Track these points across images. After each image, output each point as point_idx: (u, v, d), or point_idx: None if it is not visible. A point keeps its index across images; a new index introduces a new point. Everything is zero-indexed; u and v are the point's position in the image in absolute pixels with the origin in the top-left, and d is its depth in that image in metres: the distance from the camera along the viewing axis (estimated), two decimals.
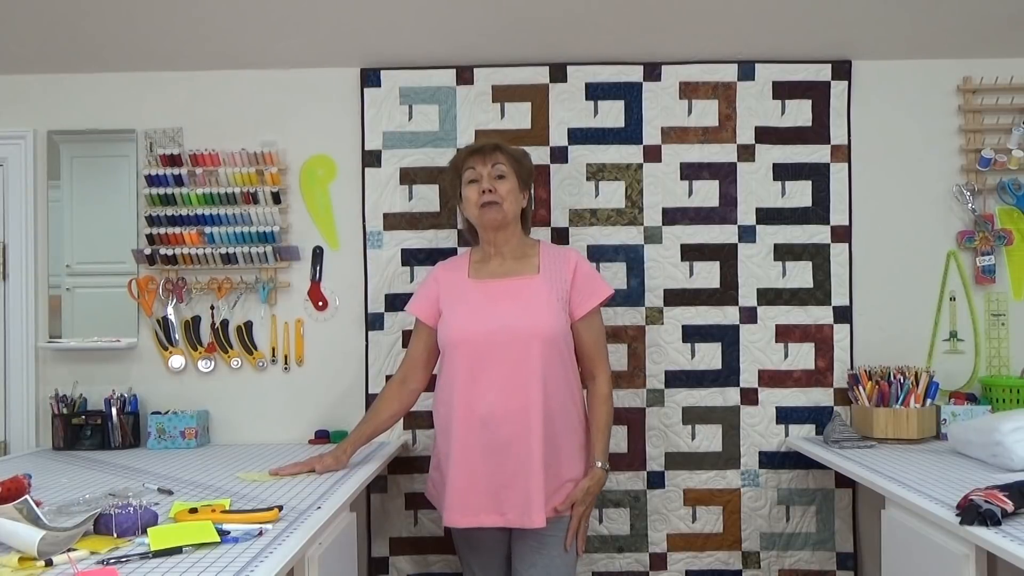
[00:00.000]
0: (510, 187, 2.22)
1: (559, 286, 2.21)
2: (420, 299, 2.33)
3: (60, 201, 2.72)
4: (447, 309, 2.24)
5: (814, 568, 2.64)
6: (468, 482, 2.11)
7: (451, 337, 2.19)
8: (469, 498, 2.11)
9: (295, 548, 1.47)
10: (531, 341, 2.11)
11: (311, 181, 2.71)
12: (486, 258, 2.29)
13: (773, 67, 2.67)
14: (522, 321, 2.14)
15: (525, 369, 2.10)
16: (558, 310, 2.17)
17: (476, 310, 2.19)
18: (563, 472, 2.16)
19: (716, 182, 2.67)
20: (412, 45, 2.63)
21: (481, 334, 2.14)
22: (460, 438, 2.13)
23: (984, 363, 2.67)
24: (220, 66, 2.69)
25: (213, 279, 2.68)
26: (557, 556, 2.17)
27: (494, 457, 2.11)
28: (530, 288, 2.20)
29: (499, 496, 2.11)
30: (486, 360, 2.12)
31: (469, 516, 2.12)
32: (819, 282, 2.66)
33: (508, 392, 2.11)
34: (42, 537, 1.37)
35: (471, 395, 2.12)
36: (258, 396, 2.69)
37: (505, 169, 2.23)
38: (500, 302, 2.19)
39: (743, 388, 2.65)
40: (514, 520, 2.10)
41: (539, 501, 2.08)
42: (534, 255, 2.28)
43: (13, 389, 2.70)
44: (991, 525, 1.52)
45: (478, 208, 2.21)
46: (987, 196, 2.67)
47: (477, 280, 2.25)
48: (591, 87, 2.67)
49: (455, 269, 2.32)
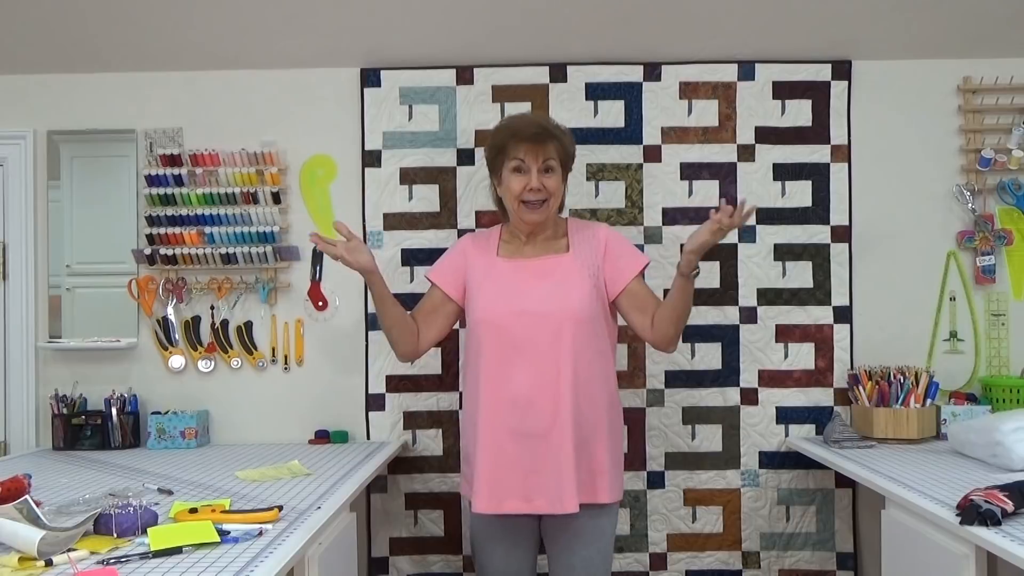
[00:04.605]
0: (557, 182, 2.13)
1: (591, 263, 2.13)
2: (444, 268, 2.24)
3: (60, 201, 2.72)
4: (474, 286, 2.16)
5: (814, 568, 2.64)
6: (496, 467, 2.04)
7: (479, 316, 2.11)
8: (498, 484, 2.04)
9: (295, 548, 1.47)
10: (563, 322, 2.04)
11: (311, 181, 2.71)
12: (516, 239, 2.20)
13: (773, 67, 2.67)
14: (555, 301, 2.07)
15: (556, 350, 2.03)
16: (590, 288, 2.10)
17: (506, 290, 2.11)
18: (595, 456, 2.08)
19: (716, 182, 2.67)
20: (412, 45, 2.63)
21: (511, 314, 2.07)
22: (488, 421, 2.05)
23: (984, 363, 2.67)
24: (220, 66, 2.69)
25: (213, 279, 2.68)
26: (595, 546, 2.11)
27: (524, 441, 2.03)
28: (561, 267, 2.13)
29: (528, 482, 2.03)
30: (517, 341, 2.05)
31: (495, 503, 2.04)
32: (819, 282, 2.66)
33: (538, 374, 2.04)
34: (42, 537, 1.37)
35: (500, 376, 2.05)
36: (258, 396, 2.69)
37: (554, 163, 2.12)
38: (531, 283, 2.11)
39: (743, 388, 2.65)
40: (543, 507, 2.03)
41: (571, 487, 2.00)
42: (563, 234, 2.20)
43: (13, 389, 2.70)
44: (991, 525, 1.52)
45: (517, 201, 2.11)
46: (987, 196, 2.67)
47: (507, 259, 2.17)
48: (591, 87, 2.67)
49: (484, 244, 2.23)
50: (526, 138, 2.10)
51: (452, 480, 2.65)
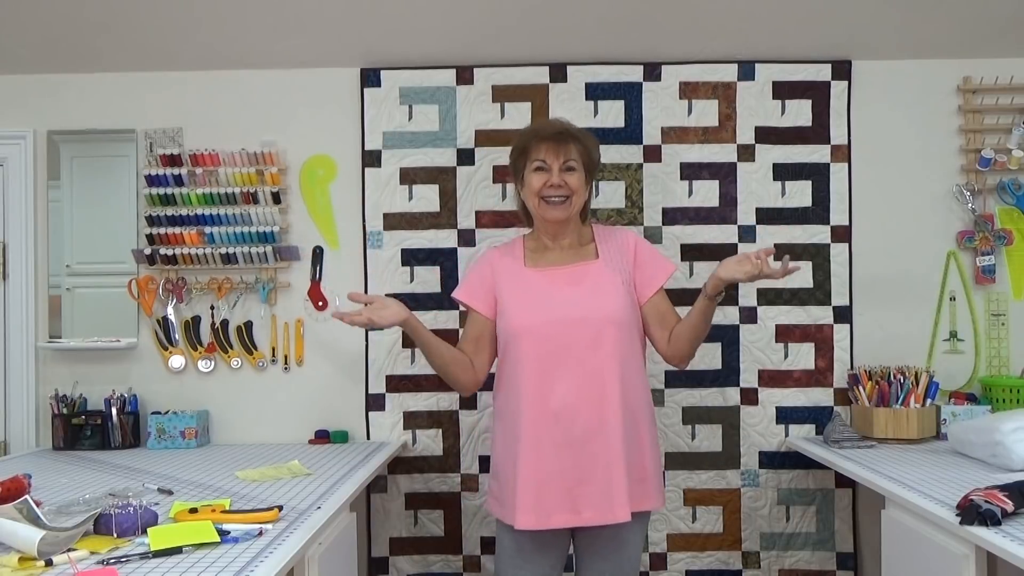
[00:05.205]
0: (579, 181, 2.10)
1: (622, 269, 2.11)
2: (473, 285, 2.19)
3: (60, 201, 2.72)
4: (506, 297, 2.11)
5: (814, 568, 2.64)
6: (542, 481, 1.97)
7: (514, 327, 2.05)
8: (543, 498, 1.97)
9: (295, 548, 1.47)
10: (604, 327, 2.01)
11: (311, 181, 2.71)
12: (542, 248, 2.17)
13: (773, 67, 2.67)
14: (592, 306, 2.03)
15: (599, 356, 1.99)
16: (624, 293, 2.07)
17: (539, 298, 2.07)
18: (643, 461, 2.04)
19: (716, 182, 2.67)
20: (412, 45, 2.63)
21: (549, 322, 2.02)
22: (530, 434, 1.99)
23: (984, 363, 2.67)
24: (220, 66, 2.69)
25: (213, 279, 2.68)
26: (628, 554, 2.08)
27: (568, 452, 1.98)
28: (593, 273, 2.10)
29: (574, 493, 1.97)
30: (556, 349, 2.00)
31: (543, 518, 1.97)
32: (819, 282, 2.66)
33: (582, 382, 1.99)
34: (42, 537, 1.38)
35: (542, 388, 1.99)
36: (258, 396, 2.69)
37: (576, 163, 2.10)
38: (564, 289, 2.07)
39: (743, 388, 2.65)
40: (593, 518, 1.97)
41: (622, 495, 1.96)
42: (589, 240, 2.18)
43: (13, 389, 2.70)
44: (991, 525, 1.52)
45: (537, 197, 2.09)
46: (987, 196, 2.67)
47: (535, 268, 2.13)
48: (591, 87, 2.67)
49: (510, 255, 2.18)
50: (547, 138, 2.10)
51: (452, 480, 2.65)
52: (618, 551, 2.07)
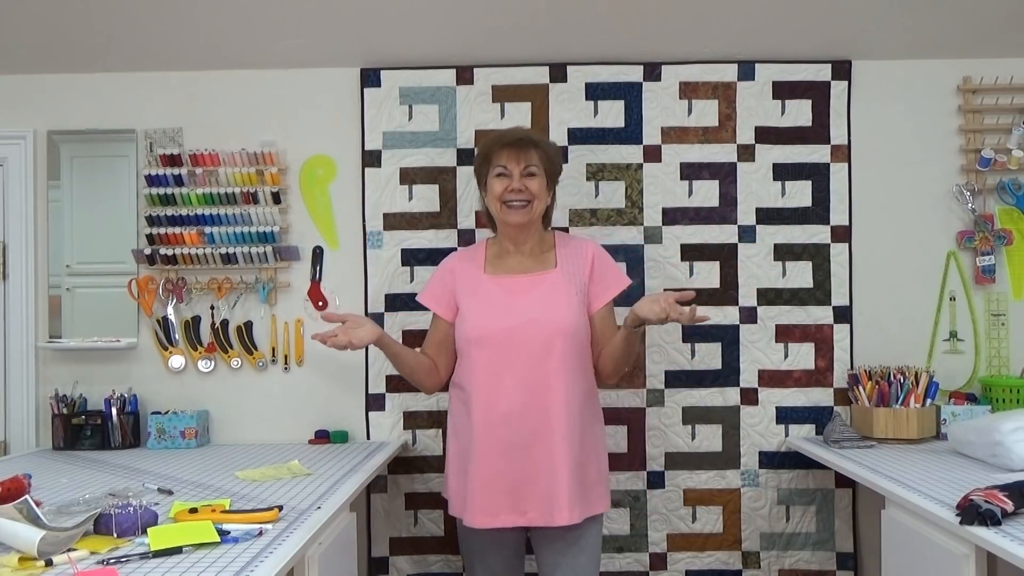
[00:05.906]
0: (540, 186, 2.17)
1: (577, 279, 2.19)
2: (436, 290, 2.29)
3: (60, 201, 2.72)
4: (464, 303, 2.21)
5: (814, 568, 2.64)
6: (489, 482, 2.08)
7: (469, 334, 2.15)
8: (490, 498, 2.08)
9: (295, 548, 1.47)
10: (553, 337, 2.09)
11: (311, 181, 2.71)
12: (503, 253, 2.25)
13: (773, 67, 2.67)
14: (543, 317, 2.11)
15: (547, 365, 2.08)
16: (577, 304, 2.15)
17: (494, 306, 2.16)
18: (588, 467, 2.13)
19: (716, 182, 2.67)
20: (412, 45, 2.63)
21: (501, 331, 2.11)
22: (480, 437, 2.09)
23: (984, 363, 2.67)
24: (220, 66, 2.69)
25: (213, 279, 2.68)
26: (583, 557, 2.15)
27: (515, 455, 2.07)
28: (548, 283, 2.17)
29: (520, 495, 2.07)
30: (507, 357, 2.09)
31: (489, 517, 2.08)
32: (819, 282, 2.66)
33: (530, 389, 2.08)
34: (42, 537, 1.37)
35: (492, 393, 2.09)
36: (258, 396, 2.69)
37: (536, 169, 2.17)
38: (519, 298, 2.15)
39: (743, 388, 2.65)
40: (536, 519, 2.07)
41: (564, 499, 2.04)
42: (550, 248, 2.25)
43: (13, 389, 2.70)
44: (991, 525, 1.52)
45: (499, 202, 2.17)
46: (987, 196, 2.67)
47: (494, 276, 2.22)
48: (591, 87, 2.67)
49: (471, 260, 2.27)
50: (509, 144, 2.18)
51: None
52: (569, 550, 2.14)
